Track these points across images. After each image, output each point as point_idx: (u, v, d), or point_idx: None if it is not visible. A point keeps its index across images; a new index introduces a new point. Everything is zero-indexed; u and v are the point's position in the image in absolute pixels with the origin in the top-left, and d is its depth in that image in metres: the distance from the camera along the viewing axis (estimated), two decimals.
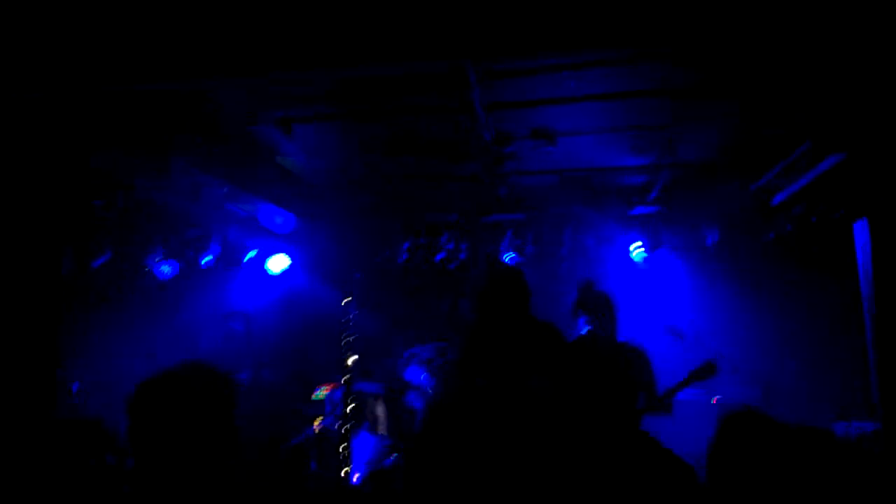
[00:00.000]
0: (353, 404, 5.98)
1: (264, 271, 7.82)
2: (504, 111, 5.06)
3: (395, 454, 5.84)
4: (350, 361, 6.14)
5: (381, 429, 6.16)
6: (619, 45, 3.96)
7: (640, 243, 7.11)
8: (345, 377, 6.09)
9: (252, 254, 7.71)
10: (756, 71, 4.33)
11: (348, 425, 5.86)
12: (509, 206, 7.11)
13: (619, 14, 3.66)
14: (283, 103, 4.98)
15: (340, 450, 5.76)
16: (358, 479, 5.74)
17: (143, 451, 1.86)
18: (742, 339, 6.51)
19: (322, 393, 6.54)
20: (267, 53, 4.01)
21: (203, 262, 7.46)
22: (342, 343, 6.25)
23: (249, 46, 3.94)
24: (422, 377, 5.28)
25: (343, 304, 6.49)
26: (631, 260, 7.28)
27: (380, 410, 6.21)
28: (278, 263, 7.77)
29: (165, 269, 7.60)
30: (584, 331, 4.86)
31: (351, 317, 6.40)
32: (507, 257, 7.25)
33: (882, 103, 4.30)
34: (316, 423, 6.18)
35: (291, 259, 7.82)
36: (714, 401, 5.19)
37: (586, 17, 3.70)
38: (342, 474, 5.65)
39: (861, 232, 4.97)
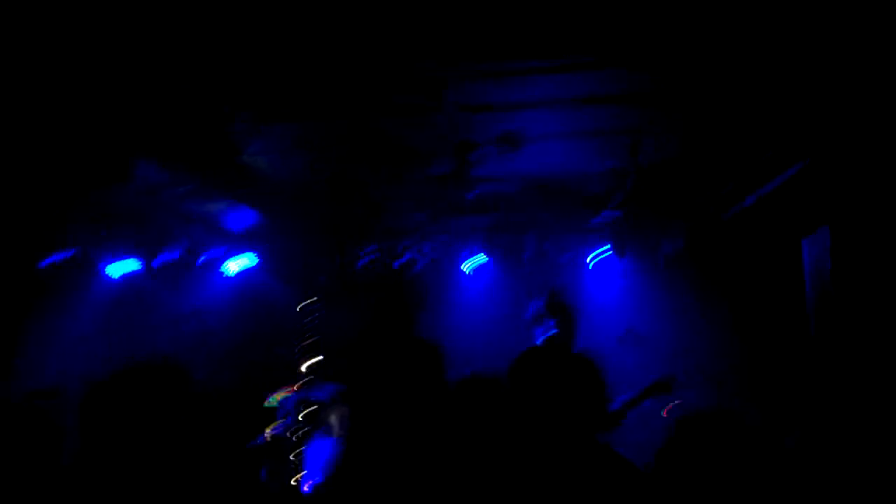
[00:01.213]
0: (307, 411, 5.87)
1: (222, 272, 7.71)
2: (469, 114, 5.05)
3: None
4: (305, 366, 6.04)
5: (337, 433, 5.93)
6: (580, 53, 4.02)
7: (601, 250, 7.16)
8: (298, 383, 5.98)
9: (209, 254, 7.60)
10: (718, 79, 4.38)
11: (300, 433, 5.74)
12: (475, 211, 7.10)
13: (579, 24, 3.71)
14: (249, 101, 4.90)
15: (292, 458, 5.66)
16: (311, 486, 5.63)
17: (92, 449, 1.88)
18: (697, 347, 6.57)
19: (274, 399, 6.44)
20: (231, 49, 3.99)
21: (159, 261, 7.33)
22: (298, 347, 6.17)
23: (214, 39, 3.90)
24: None
25: (301, 307, 6.42)
26: (592, 266, 7.32)
27: (333, 417, 5.93)
28: (236, 265, 7.67)
29: (118, 269, 7.46)
30: (539, 340, 4.83)
31: (310, 320, 6.32)
32: (470, 261, 7.28)
33: (846, 111, 4.38)
34: (267, 431, 6.05)
35: (255, 258, 7.73)
36: (664, 413, 5.20)
37: (548, 24, 3.74)
38: (293, 482, 5.55)
39: (813, 243, 5.06)
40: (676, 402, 5.16)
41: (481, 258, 7.36)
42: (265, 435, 6.02)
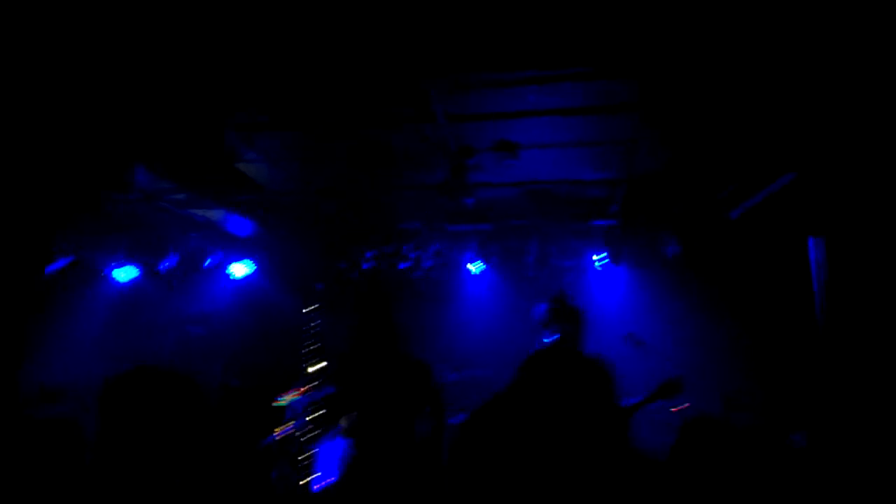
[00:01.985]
0: (322, 411, 5.91)
1: (225, 277, 7.74)
2: (467, 123, 5.10)
3: None
4: (313, 369, 6.09)
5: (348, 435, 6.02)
6: (575, 65, 4.10)
7: (602, 255, 7.24)
8: (307, 385, 6.02)
9: (214, 258, 7.64)
10: (711, 92, 4.45)
11: (311, 433, 5.78)
12: (475, 217, 7.15)
13: (574, 36, 3.78)
14: (244, 110, 4.95)
15: (302, 457, 5.69)
16: (321, 486, 5.67)
17: (110, 444, 1.92)
18: (701, 349, 6.64)
19: (284, 400, 6.50)
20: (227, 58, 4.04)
21: (165, 265, 7.36)
22: (304, 351, 6.22)
23: (213, 52, 3.96)
24: None
25: (305, 312, 6.48)
26: (593, 271, 7.39)
27: (344, 419, 6.02)
28: (241, 268, 7.72)
29: (123, 273, 7.49)
30: (547, 342, 4.88)
31: (314, 325, 6.37)
32: (474, 266, 7.33)
33: (831, 126, 4.46)
34: (278, 431, 6.11)
35: (254, 265, 7.78)
36: (674, 409, 5.27)
37: (540, 38, 3.81)
38: (302, 482, 5.58)
39: (816, 247, 5.10)
40: (686, 403, 5.22)
41: (483, 263, 7.42)
42: (275, 435, 6.07)
